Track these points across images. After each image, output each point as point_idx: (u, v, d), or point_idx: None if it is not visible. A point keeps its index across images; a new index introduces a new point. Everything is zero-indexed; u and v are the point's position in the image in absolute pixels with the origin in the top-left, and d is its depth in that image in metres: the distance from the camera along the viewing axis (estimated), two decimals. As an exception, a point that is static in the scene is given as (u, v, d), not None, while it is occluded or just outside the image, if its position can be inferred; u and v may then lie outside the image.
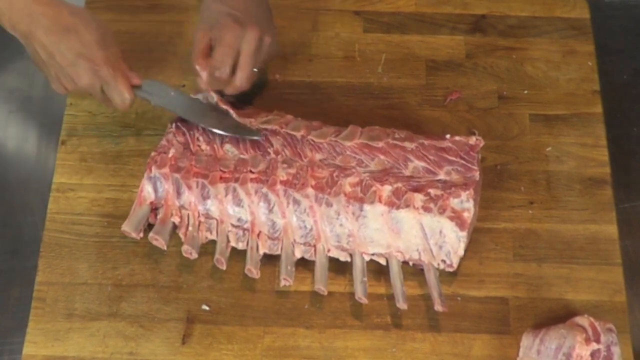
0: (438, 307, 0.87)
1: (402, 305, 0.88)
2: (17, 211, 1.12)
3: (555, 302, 0.92)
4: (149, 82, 0.93)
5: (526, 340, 0.88)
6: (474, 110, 1.03)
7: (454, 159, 0.91)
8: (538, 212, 0.96)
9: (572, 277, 0.93)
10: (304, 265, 0.92)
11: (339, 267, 0.92)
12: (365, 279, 0.89)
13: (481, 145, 0.92)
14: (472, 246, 0.94)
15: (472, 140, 0.92)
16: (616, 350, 0.82)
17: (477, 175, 0.90)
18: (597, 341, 0.82)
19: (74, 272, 0.93)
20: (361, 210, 0.88)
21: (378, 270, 0.92)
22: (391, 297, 0.91)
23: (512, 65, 1.06)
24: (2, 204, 1.12)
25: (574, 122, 1.02)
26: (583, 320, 0.84)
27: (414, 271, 0.92)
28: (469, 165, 0.91)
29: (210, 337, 0.90)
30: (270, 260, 0.92)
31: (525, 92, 1.04)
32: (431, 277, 0.89)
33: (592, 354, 0.81)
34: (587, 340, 0.82)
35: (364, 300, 0.88)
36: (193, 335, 0.90)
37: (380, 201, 0.88)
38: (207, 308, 0.91)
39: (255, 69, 0.94)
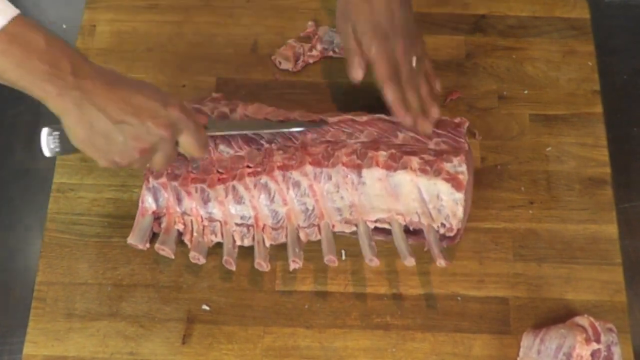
0: (440, 261, 0.87)
1: (409, 260, 0.88)
2: (17, 211, 1.12)
3: (555, 302, 0.92)
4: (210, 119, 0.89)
5: (526, 340, 0.88)
6: (474, 110, 1.03)
7: (442, 132, 0.93)
8: (538, 212, 0.96)
9: (572, 277, 0.93)
10: (305, 263, 0.92)
11: (338, 267, 0.92)
12: (373, 242, 0.90)
13: (466, 124, 0.94)
14: (472, 246, 0.94)
15: (457, 119, 0.94)
16: (616, 350, 0.82)
17: (465, 146, 0.91)
18: (597, 341, 0.82)
19: (74, 272, 0.93)
20: (360, 177, 0.89)
21: (378, 270, 0.92)
22: (391, 297, 0.91)
23: (512, 65, 1.06)
24: (2, 204, 1.12)
25: (574, 122, 1.02)
26: (583, 320, 0.84)
27: (413, 271, 0.92)
28: (457, 137, 0.92)
29: (210, 337, 0.90)
30: (271, 260, 0.92)
31: (525, 92, 1.04)
32: (431, 237, 0.89)
33: (593, 354, 0.81)
34: (587, 340, 0.82)
35: (376, 262, 0.88)
36: (193, 335, 0.90)
37: (377, 165, 0.88)
38: (207, 308, 0.91)
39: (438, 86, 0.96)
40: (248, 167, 0.91)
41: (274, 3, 1.09)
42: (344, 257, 0.93)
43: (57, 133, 0.84)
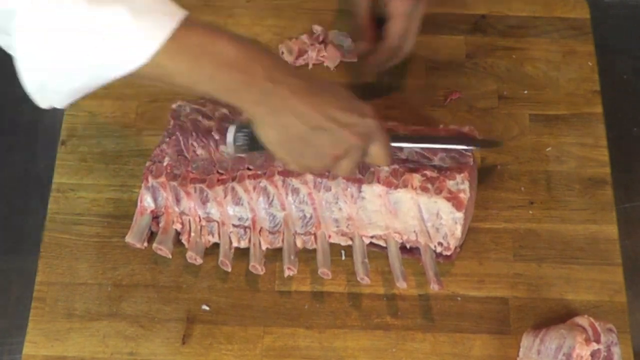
0: (434, 285, 0.87)
1: (401, 283, 0.88)
2: (17, 211, 1.12)
3: (555, 302, 0.92)
4: None
5: (526, 340, 0.88)
6: (474, 110, 1.03)
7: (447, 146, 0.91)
8: (538, 212, 0.96)
9: (572, 277, 0.93)
10: (304, 265, 0.92)
11: (338, 267, 0.92)
12: (366, 260, 0.90)
13: (474, 134, 0.92)
14: (472, 246, 0.94)
15: (465, 129, 0.93)
16: (616, 350, 0.82)
17: (470, 161, 0.90)
18: (597, 341, 0.82)
19: (74, 272, 0.93)
20: (359, 191, 0.88)
21: (378, 271, 0.92)
22: (391, 297, 0.91)
23: (512, 65, 1.06)
24: (2, 204, 1.12)
25: (574, 122, 1.02)
26: (583, 320, 0.84)
27: (414, 271, 0.92)
28: (463, 152, 0.91)
29: (210, 337, 0.90)
30: (270, 260, 0.92)
31: (525, 92, 1.04)
32: (427, 258, 0.89)
33: (592, 354, 0.81)
34: (587, 341, 0.82)
35: (367, 280, 0.88)
36: (193, 335, 0.90)
37: (378, 181, 0.88)
38: (207, 308, 0.91)
39: None
40: (248, 169, 0.91)
41: (273, 3, 1.09)
42: (343, 257, 0.93)
43: (246, 130, 0.80)
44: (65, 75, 0.67)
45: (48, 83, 0.68)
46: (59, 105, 0.71)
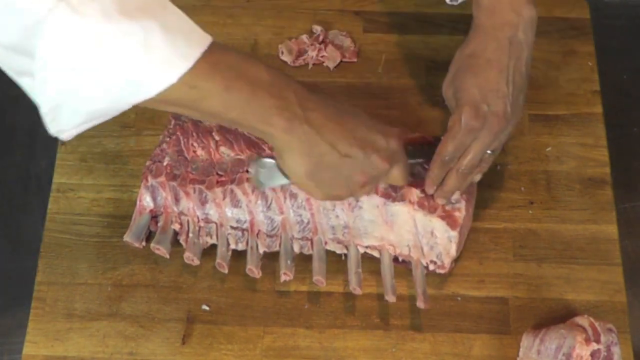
0: (420, 304, 0.87)
1: (390, 297, 0.88)
2: (17, 211, 1.12)
3: (555, 302, 0.91)
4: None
5: (526, 340, 0.88)
6: (474, 110, 1.02)
7: None
8: (538, 212, 0.96)
9: (572, 277, 0.93)
10: (304, 265, 0.92)
11: (338, 267, 0.92)
12: (360, 270, 0.90)
13: None
14: (472, 246, 0.94)
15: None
16: (616, 350, 0.82)
17: None
18: (597, 341, 0.82)
19: (74, 272, 0.93)
20: (357, 200, 0.88)
21: (377, 271, 0.92)
22: (391, 297, 0.91)
23: (512, 65, 1.05)
24: (2, 204, 1.12)
25: (574, 122, 1.02)
26: (583, 320, 0.84)
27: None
28: None
29: (210, 337, 0.90)
30: (270, 261, 0.92)
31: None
32: (418, 274, 0.89)
33: (592, 354, 0.81)
34: (587, 341, 0.82)
35: (358, 291, 0.89)
36: (193, 335, 0.90)
37: (376, 192, 0.88)
38: (207, 308, 0.91)
39: (489, 152, 0.85)
40: (247, 171, 0.91)
41: (273, 3, 1.09)
42: (342, 258, 0.93)
43: (269, 164, 0.79)
44: (87, 94, 0.63)
45: (66, 103, 0.63)
46: (68, 133, 0.66)
